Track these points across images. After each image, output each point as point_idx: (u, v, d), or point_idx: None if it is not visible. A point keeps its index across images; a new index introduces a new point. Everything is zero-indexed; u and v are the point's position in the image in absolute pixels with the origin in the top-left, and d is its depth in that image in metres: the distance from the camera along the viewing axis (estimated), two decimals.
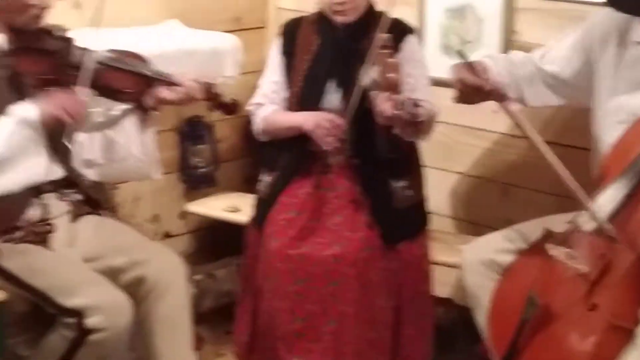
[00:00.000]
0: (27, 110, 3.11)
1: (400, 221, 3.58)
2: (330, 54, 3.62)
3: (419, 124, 3.15)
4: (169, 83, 3.33)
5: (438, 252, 3.79)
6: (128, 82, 3.32)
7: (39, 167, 3.15)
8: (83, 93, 3.19)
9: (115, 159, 3.39)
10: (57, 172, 3.31)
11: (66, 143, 3.26)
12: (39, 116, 3.10)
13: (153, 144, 3.43)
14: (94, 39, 3.29)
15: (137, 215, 4.26)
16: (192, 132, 4.41)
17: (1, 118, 3.08)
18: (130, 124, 3.36)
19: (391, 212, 3.57)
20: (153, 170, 3.48)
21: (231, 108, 3.52)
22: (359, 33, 3.58)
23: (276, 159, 3.70)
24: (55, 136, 3.24)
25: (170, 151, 4.29)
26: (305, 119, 3.55)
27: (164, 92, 3.32)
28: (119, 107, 3.42)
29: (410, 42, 3.63)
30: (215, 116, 4.43)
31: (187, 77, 3.35)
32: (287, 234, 3.52)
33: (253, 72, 4.32)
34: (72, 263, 3.17)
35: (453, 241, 4.00)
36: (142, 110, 3.36)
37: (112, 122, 3.39)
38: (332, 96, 3.62)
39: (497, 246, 3.35)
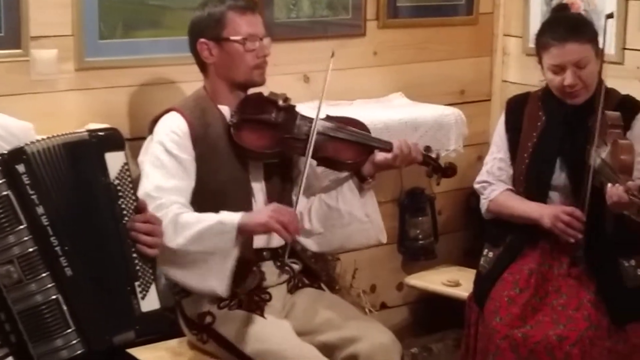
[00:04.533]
0: (231, 217, 3.10)
1: (629, 301, 3.46)
2: (557, 131, 3.56)
3: None
4: (388, 150, 3.32)
5: None
6: (349, 152, 3.32)
7: (214, 277, 3.09)
8: (308, 164, 3.23)
9: (337, 226, 3.38)
10: (277, 240, 3.32)
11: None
12: (238, 227, 3.07)
13: (376, 208, 3.42)
14: (320, 111, 3.35)
15: (356, 285, 4.28)
16: (412, 203, 4.40)
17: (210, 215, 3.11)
18: (349, 191, 3.35)
19: (620, 291, 3.46)
20: (380, 234, 3.45)
21: (447, 172, 3.43)
22: (587, 110, 3.50)
23: (502, 235, 3.65)
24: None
25: (390, 222, 4.30)
26: (541, 214, 3.49)
27: (381, 156, 3.32)
28: (335, 178, 3.44)
29: None
30: (437, 188, 4.42)
31: (404, 142, 3.33)
32: (510, 311, 3.46)
33: (477, 144, 4.31)
34: (285, 333, 3.18)
35: None
36: (360, 177, 3.36)
37: (329, 191, 3.39)
38: (558, 173, 3.55)
39: None
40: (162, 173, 3.15)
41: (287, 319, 3.30)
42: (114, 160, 2.61)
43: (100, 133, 2.64)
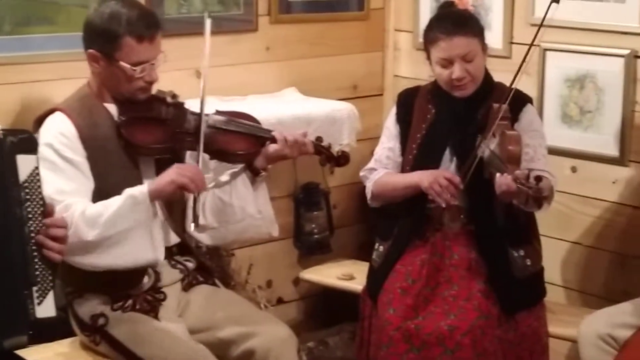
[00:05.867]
0: (139, 188, 3.11)
1: (519, 291, 3.53)
2: (446, 122, 3.61)
3: (542, 199, 3.12)
4: (278, 139, 3.33)
5: (550, 323, 3.69)
6: (240, 143, 3.33)
7: (145, 247, 3.11)
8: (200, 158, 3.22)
9: (230, 221, 3.37)
10: (171, 239, 3.32)
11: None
12: (149, 193, 3.08)
13: (267, 202, 3.43)
14: (211, 106, 3.35)
15: (251, 280, 4.28)
16: (307, 198, 4.42)
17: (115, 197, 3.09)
18: (243, 185, 3.36)
19: (509, 281, 3.52)
20: (271, 228, 3.46)
21: (340, 160, 3.46)
22: (475, 102, 3.57)
23: (390, 228, 3.68)
24: (170, 202, 3.26)
25: (285, 217, 4.31)
26: (421, 177, 3.51)
27: (272, 148, 3.33)
28: (228, 172, 3.43)
29: (528, 111, 3.60)
30: (331, 182, 4.46)
31: (296, 133, 3.36)
32: (403, 302, 3.49)
33: (370, 139, 4.34)
34: (178, 336, 3.17)
35: (566, 312, 3.90)
36: (253, 170, 3.36)
37: (222, 186, 3.39)
38: (448, 165, 3.60)
39: (616, 320, 3.29)
40: (61, 177, 3.09)
41: (182, 317, 3.29)
42: (26, 163, 2.58)
43: (15, 134, 2.60)
